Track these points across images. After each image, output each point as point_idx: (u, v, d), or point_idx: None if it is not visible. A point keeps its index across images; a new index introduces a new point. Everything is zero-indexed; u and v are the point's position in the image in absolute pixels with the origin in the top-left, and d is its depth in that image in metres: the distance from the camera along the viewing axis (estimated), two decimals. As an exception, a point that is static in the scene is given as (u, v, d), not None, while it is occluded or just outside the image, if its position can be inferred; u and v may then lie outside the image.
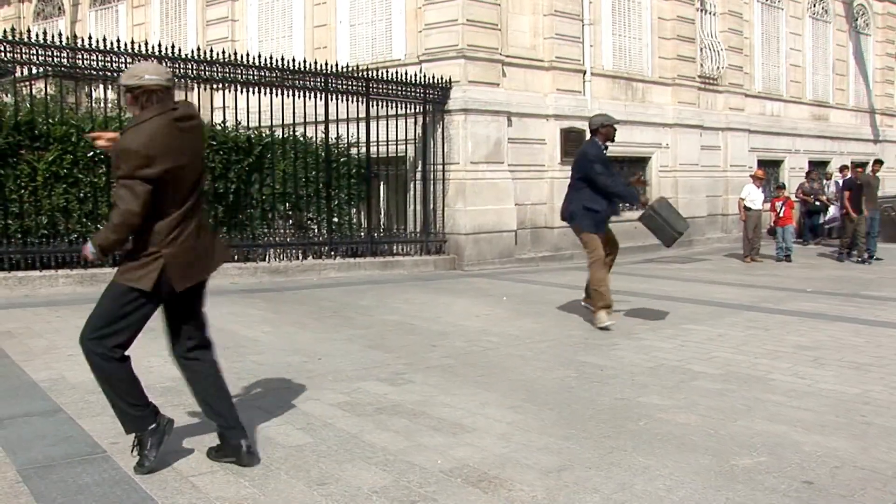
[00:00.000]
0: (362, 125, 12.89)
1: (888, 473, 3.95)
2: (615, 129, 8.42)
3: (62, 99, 11.79)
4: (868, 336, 7.52)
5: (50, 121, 10.71)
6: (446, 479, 3.83)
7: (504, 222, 14.06)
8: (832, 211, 18.52)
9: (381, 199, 14.14)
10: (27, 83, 12.09)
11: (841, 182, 17.38)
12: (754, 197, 15.43)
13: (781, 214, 15.74)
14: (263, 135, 12.22)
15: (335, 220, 12.82)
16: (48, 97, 11.80)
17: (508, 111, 14.22)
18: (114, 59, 10.87)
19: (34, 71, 11.11)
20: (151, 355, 6.53)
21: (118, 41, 10.99)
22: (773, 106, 21.41)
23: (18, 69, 10.71)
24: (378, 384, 5.68)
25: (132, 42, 11.27)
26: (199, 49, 11.78)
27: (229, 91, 11.82)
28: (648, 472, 3.94)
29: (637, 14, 17.09)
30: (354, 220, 13.23)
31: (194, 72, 11.48)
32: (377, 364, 6.30)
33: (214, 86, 11.76)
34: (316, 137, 12.62)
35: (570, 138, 15.19)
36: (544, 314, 8.83)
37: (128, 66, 10.78)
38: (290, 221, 12.72)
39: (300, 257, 12.39)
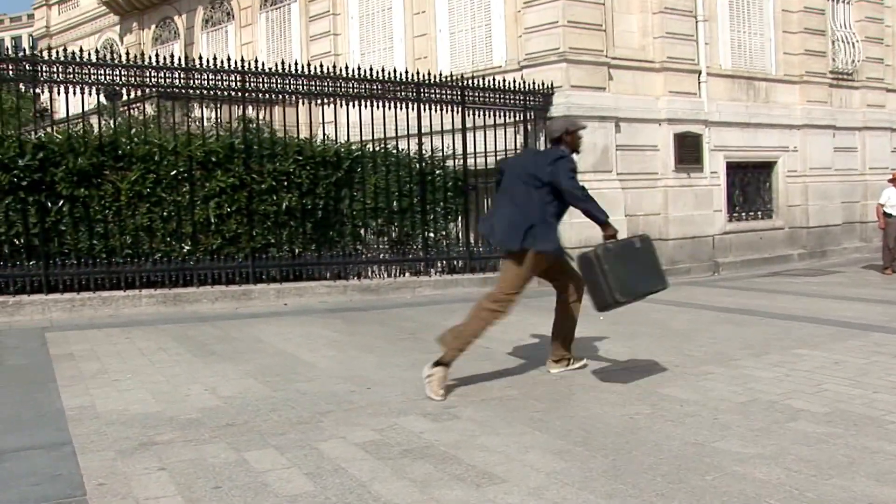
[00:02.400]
0: (459, 136, 12.32)
1: None
2: (580, 137, 6.35)
3: (158, 119, 11.79)
4: None
5: (134, 140, 10.61)
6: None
7: (612, 234, 13.14)
8: None
9: (480, 213, 13.49)
10: (132, 105, 12.19)
11: None
12: (894, 202, 14.00)
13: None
14: (353, 148, 11.79)
15: (431, 234, 12.25)
16: (144, 118, 11.74)
17: (616, 116, 13.34)
18: (208, 77, 10.77)
19: (135, 93, 11.13)
20: (193, 382, 6.13)
21: (213, 60, 10.82)
22: (920, 101, 19.59)
23: (125, 91, 10.84)
24: (419, 419, 5.03)
25: (239, 60, 11.08)
26: (295, 64, 11.51)
27: (321, 105, 11.54)
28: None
29: (758, 8, 15.87)
30: (452, 235, 12.62)
31: (279, 86, 11.18)
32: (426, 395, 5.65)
33: (312, 100, 11.55)
34: (409, 150, 12.14)
35: (685, 143, 14.20)
36: (639, 335, 7.96)
37: (226, 81, 10.84)
38: (384, 237, 12.24)
39: (394, 274, 11.90)
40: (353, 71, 11.66)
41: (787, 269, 15.04)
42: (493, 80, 12.62)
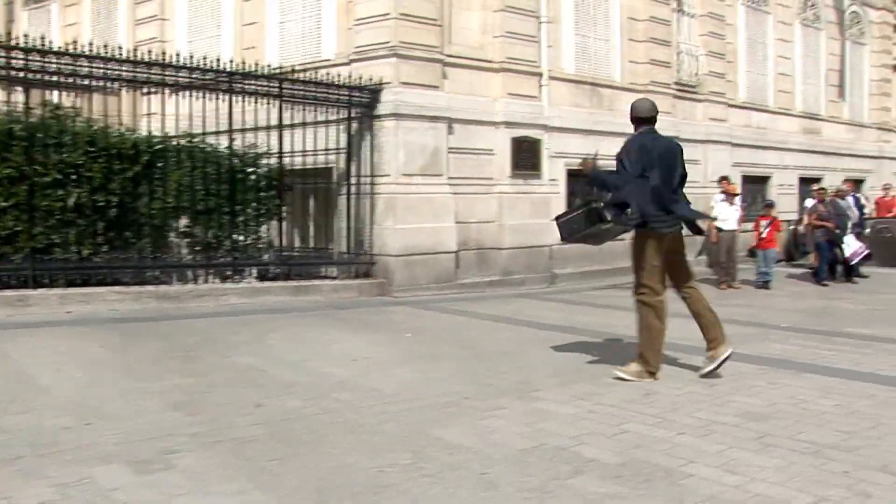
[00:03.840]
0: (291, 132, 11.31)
1: None
2: None
3: None
4: (840, 397, 5.79)
5: None
6: None
7: (442, 242, 12.35)
8: (852, 243, 14.78)
9: (304, 215, 12.48)
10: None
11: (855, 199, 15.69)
12: (726, 215, 13.74)
13: (764, 236, 13.99)
14: (154, 141, 10.57)
15: (240, 238, 11.12)
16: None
17: (449, 117, 12.54)
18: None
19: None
20: None
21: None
22: (760, 117, 19.71)
23: None
24: (122, 470, 4.01)
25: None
26: (118, 48, 10.23)
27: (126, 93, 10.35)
28: None
29: (604, 13, 15.42)
30: (266, 239, 11.53)
31: (66, 68, 9.90)
32: (156, 434, 4.62)
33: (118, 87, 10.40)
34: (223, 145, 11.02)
35: (522, 148, 13.55)
36: (443, 358, 7.11)
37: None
38: (188, 240, 11.03)
39: (199, 281, 10.72)
40: (160, 56, 10.48)
41: (627, 281, 14.51)
42: (317, 73, 11.65)
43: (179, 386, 5.90)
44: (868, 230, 16.29)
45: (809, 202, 15.98)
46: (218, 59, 10.86)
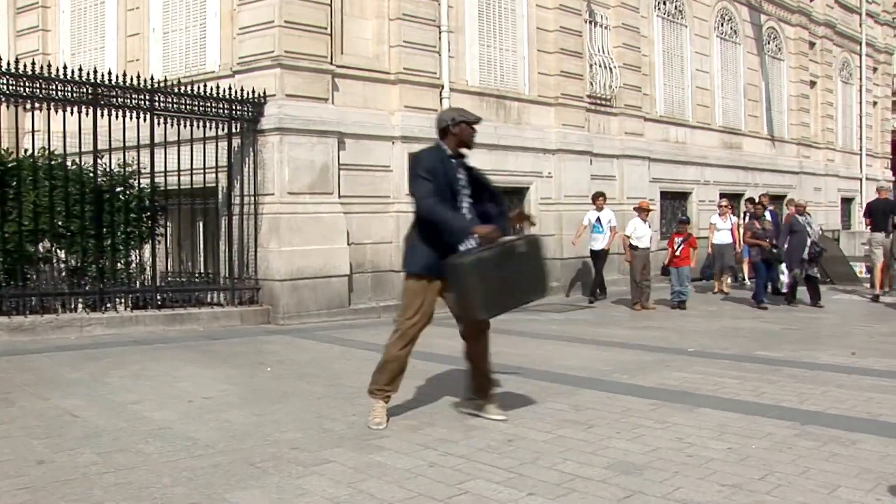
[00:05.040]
0: (162, 149, 10.41)
1: None
2: (473, 129, 5.57)
3: None
4: (735, 437, 5.09)
5: None
6: None
7: (333, 265, 11.52)
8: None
9: (190, 238, 11.55)
10: None
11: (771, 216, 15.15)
12: (641, 233, 13.16)
13: (678, 253, 13.41)
14: (7, 158, 9.61)
15: (107, 264, 10.17)
16: None
17: (340, 131, 11.75)
18: None
19: None
20: None
21: None
22: (678, 132, 19.25)
23: None
24: None
25: None
26: None
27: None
28: None
29: (510, 23, 14.77)
30: (145, 264, 10.60)
31: None
32: None
33: None
34: (84, 163, 10.09)
35: (422, 165, 12.73)
36: (292, 397, 6.29)
37: None
38: (48, 266, 10.07)
39: (58, 311, 9.74)
40: (24, 67, 9.52)
41: (539, 304, 13.85)
42: (203, 86, 10.81)
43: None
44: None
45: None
46: (89, 71, 9.92)
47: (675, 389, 6.64)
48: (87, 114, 9.92)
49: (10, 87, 9.40)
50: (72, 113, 9.80)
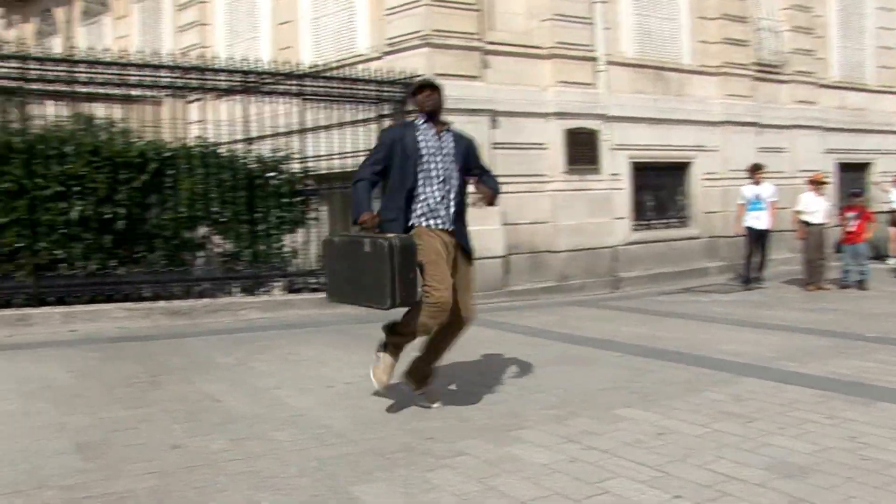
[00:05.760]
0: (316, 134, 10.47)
1: None
2: (435, 93, 5.24)
3: None
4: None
5: None
6: None
7: (487, 247, 11.23)
8: None
9: (344, 221, 11.58)
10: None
11: None
12: (815, 208, 12.21)
13: (853, 229, 12.38)
14: (164, 148, 9.86)
15: (262, 248, 10.30)
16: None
17: (493, 109, 11.46)
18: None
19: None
20: None
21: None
22: (857, 98, 17.79)
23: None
24: None
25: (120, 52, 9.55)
26: (155, 55, 9.67)
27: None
28: None
29: (668, -11, 14.06)
30: (288, 249, 10.68)
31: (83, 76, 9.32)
32: (21, 487, 3.83)
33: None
34: (238, 150, 10.26)
35: (578, 141, 12.35)
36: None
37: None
38: (203, 251, 10.31)
39: (212, 295, 9.96)
40: (179, 58, 9.82)
41: (702, 284, 13.21)
42: (354, 69, 10.75)
43: (108, 420, 5.06)
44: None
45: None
46: (239, 61, 10.08)
47: (850, 380, 5.97)
48: (238, 102, 10.05)
49: (167, 80, 9.66)
50: (225, 102, 9.97)
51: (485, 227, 11.14)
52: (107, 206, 9.40)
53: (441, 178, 5.12)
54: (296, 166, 10.67)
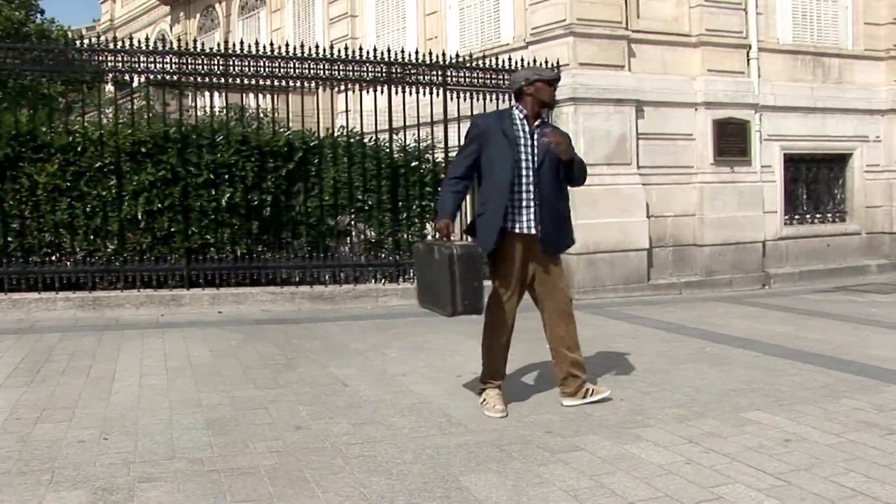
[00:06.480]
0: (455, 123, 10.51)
1: None
2: (552, 87, 5.03)
3: (147, 108, 10.77)
4: None
5: (53, 130, 9.37)
6: None
7: (631, 239, 11.08)
8: None
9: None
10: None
11: None
12: None
13: None
14: (309, 137, 10.17)
15: (404, 236, 10.48)
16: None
17: (638, 99, 11.23)
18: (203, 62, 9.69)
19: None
20: None
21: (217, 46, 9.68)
22: None
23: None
24: (74, 499, 3.50)
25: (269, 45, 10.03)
26: (305, 47, 10.02)
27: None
28: None
29: (830, -30, 13.35)
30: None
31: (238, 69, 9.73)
32: (159, 457, 4.12)
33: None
34: (381, 139, 10.48)
35: (727, 132, 11.96)
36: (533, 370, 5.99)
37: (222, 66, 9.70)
38: (347, 238, 10.58)
39: (360, 281, 10.21)
40: (325, 51, 10.07)
41: (860, 283, 12.54)
42: (497, 59, 10.76)
43: (240, 399, 5.30)
44: None
45: None
46: (383, 52, 10.28)
47: None
48: (381, 92, 10.24)
49: (312, 70, 9.95)
50: (369, 92, 10.18)
51: (629, 220, 11.04)
52: (254, 194, 9.77)
53: (531, 175, 4.91)
54: (439, 156, 10.76)
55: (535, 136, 4.96)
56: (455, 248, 4.66)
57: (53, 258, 9.38)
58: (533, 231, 4.91)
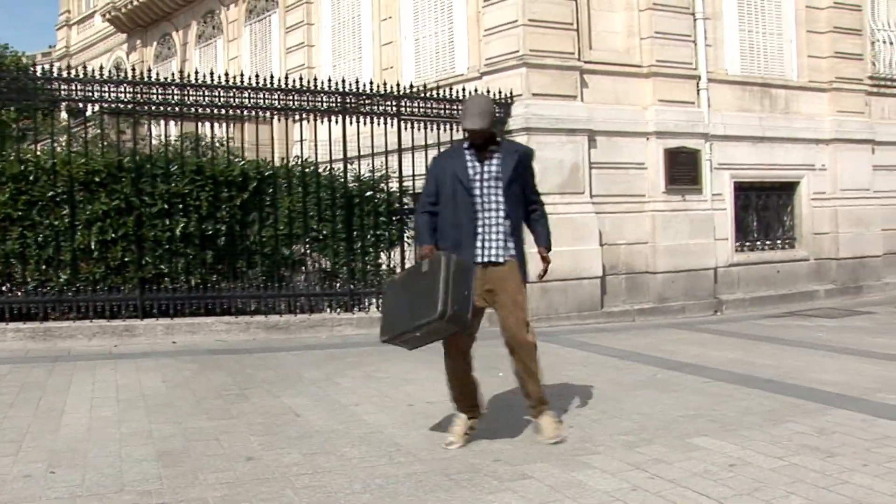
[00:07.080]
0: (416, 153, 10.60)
1: None
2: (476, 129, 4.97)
3: (101, 137, 10.71)
4: None
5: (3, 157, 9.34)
6: None
7: (584, 267, 11.21)
8: None
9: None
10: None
11: None
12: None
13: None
14: (264, 167, 10.20)
15: (359, 266, 10.51)
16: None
17: (590, 129, 11.41)
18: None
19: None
20: None
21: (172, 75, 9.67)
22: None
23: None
24: None
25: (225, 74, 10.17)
26: (260, 77, 10.09)
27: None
28: None
29: (774, 4, 13.69)
30: (385, 266, 10.86)
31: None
32: (105, 490, 3.99)
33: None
34: (337, 169, 10.53)
35: (678, 161, 12.17)
36: (516, 405, 6.05)
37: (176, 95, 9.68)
38: (301, 268, 10.59)
39: (310, 311, 10.21)
40: (281, 81, 10.15)
41: (809, 308, 12.78)
42: (452, 90, 10.91)
43: (192, 430, 5.29)
44: None
45: None
46: (371, 82, 10.41)
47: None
48: (336, 122, 10.30)
49: (267, 100, 9.99)
50: (324, 122, 10.23)
51: (583, 248, 11.16)
52: (209, 223, 9.77)
53: (483, 208, 4.97)
54: (394, 185, 10.84)
55: (486, 165, 5.02)
56: (451, 254, 4.72)
57: (4, 288, 9.28)
58: (481, 259, 4.97)
